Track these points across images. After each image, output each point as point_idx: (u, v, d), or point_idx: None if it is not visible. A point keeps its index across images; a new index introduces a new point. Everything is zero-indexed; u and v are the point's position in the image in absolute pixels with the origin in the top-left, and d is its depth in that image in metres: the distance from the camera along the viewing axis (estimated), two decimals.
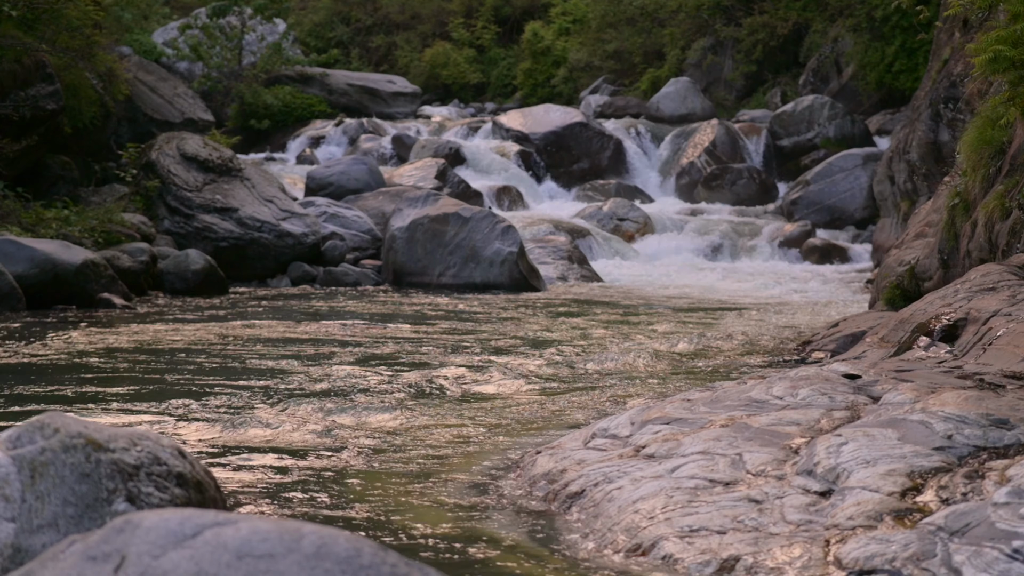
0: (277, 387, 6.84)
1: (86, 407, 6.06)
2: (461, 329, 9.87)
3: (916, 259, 9.58)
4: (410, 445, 5.36)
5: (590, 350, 8.53)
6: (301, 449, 5.22)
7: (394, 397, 6.61)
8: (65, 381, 6.86)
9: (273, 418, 5.92)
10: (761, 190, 20.86)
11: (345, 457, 5.08)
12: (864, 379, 5.11)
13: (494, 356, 8.27)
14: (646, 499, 3.87)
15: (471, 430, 5.72)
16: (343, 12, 36.97)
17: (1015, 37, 6.90)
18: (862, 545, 3.24)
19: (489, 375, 7.41)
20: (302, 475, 4.74)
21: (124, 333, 9.20)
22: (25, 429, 2.81)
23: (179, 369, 7.42)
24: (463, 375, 7.40)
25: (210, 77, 25.28)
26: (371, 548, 1.97)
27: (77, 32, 14.12)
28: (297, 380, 7.09)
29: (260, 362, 7.81)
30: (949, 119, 13.89)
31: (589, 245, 16.75)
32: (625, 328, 10.12)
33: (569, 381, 7.26)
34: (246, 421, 5.82)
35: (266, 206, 14.56)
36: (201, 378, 7.08)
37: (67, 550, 2.04)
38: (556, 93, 30.57)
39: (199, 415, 5.97)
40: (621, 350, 8.45)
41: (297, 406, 6.26)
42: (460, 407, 6.33)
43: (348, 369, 7.55)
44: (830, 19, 25.55)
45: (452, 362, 7.96)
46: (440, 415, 6.09)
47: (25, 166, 13.67)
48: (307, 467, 4.89)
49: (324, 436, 5.51)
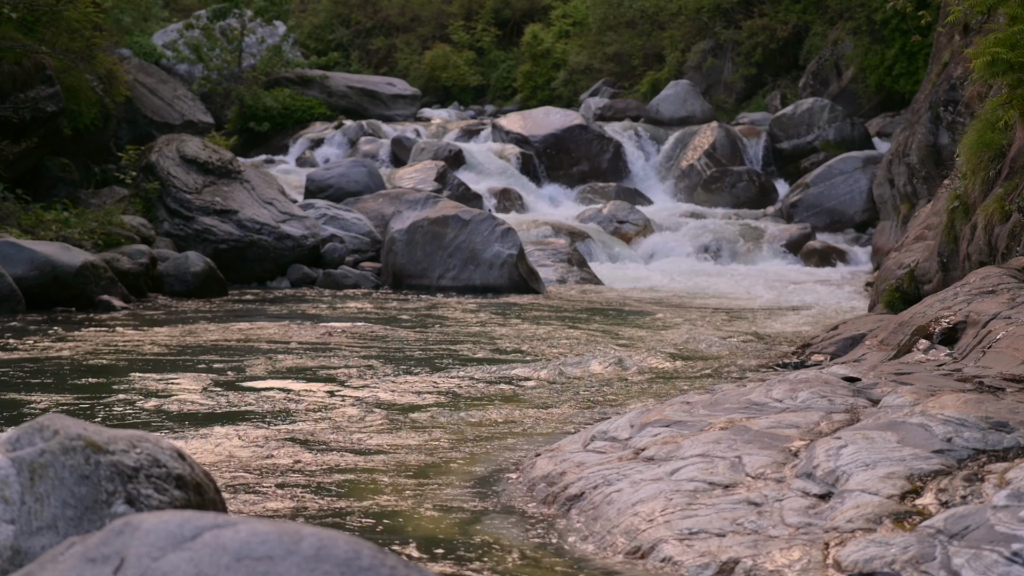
0: (276, 389, 6.84)
1: (85, 409, 6.06)
2: (460, 331, 9.87)
3: (916, 262, 9.58)
4: (409, 447, 5.36)
5: (589, 352, 8.53)
6: (300, 451, 5.22)
7: (393, 399, 6.61)
8: (64, 383, 6.86)
9: (272, 420, 5.92)
10: (761, 193, 20.87)
11: (345, 459, 5.08)
12: (863, 382, 5.11)
13: (493, 358, 8.27)
14: (645, 502, 3.87)
15: (470, 432, 5.72)
16: (343, 14, 36.98)
17: (1014, 40, 6.91)
18: (861, 548, 3.24)
19: (488, 377, 7.41)
20: (302, 477, 4.74)
21: (123, 335, 9.20)
22: (24, 431, 2.81)
23: (178, 371, 7.42)
24: (462, 377, 7.40)
25: (210, 79, 25.29)
26: (370, 550, 1.97)
27: (77, 34, 14.11)
28: (296, 382, 7.09)
29: (259, 364, 7.81)
30: (949, 122, 13.90)
31: (589, 248, 16.75)
32: (624, 331, 10.12)
33: (568, 383, 7.26)
34: (245, 423, 5.82)
35: (266, 208, 14.56)
36: (200, 380, 7.08)
37: (66, 552, 2.04)
38: (556, 96, 30.58)
39: (199, 417, 5.97)
40: (620, 353, 8.45)
41: (296, 408, 6.26)
42: (459, 409, 6.33)
43: (347, 371, 7.55)
44: (830, 22, 25.57)
45: (451, 364, 7.96)
46: (439, 417, 6.09)
47: (25, 168, 13.67)
48: (307, 469, 4.89)
49: (323, 438, 5.51)
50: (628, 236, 18.09)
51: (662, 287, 14.77)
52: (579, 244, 16.62)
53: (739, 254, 17.76)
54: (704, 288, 14.74)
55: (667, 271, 16.29)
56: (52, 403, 6.20)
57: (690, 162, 21.85)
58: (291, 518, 4.12)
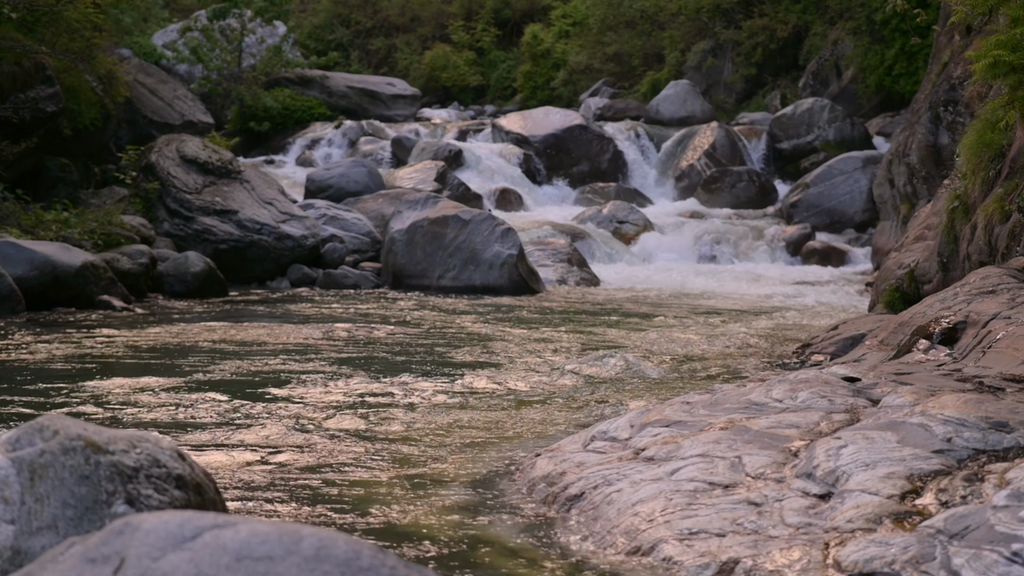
0: (276, 389, 6.84)
1: (85, 409, 6.06)
2: (460, 331, 9.87)
3: (916, 262, 9.58)
4: (409, 447, 5.36)
5: (589, 352, 8.53)
6: (300, 452, 5.22)
7: (392, 400, 6.61)
8: (64, 383, 6.86)
9: (272, 420, 5.92)
10: (761, 193, 20.87)
11: (344, 460, 5.08)
12: (863, 382, 5.11)
13: (493, 358, 8.27)
14: (645, 502, 3.87)
15: (470, 432, 5.72)
16: (343, 15, 36.98)
17: (1015, 42, 6.91)
18: (861, 548, 3.24)
19: (488, 377, 7.41)
20: (302, 478, 4.74)
21: (123, 335, 9.20)
22: (24, 431, 2.81)
23: (178, 371, 7.42)
24: (462, 377, 7.40)
25: (210, 79, 25.28)
26: (370, 550, 1.97)
27: (77, 34, 14.12)
28: (296, 382, 7.09)
29: (259, 364, 7.81)
30: (949, 122, 13.90)
31: (588, 248, 16.75)
32: (624, 331, 10.12)
33: (568, 384, 7.26)
34: (245, 423, 5.82)
35: (266, 208, 14.56)
36: (200, 380, 7.08)
37: (66, 552, 2.04)
38: (556, 96, 30.58)
39: (198, 417, 5.97)
40: (620, 353, 8.45)
41: (296, 409, 6.26)
42: (459, 409, 6.33)
43: (347, 372, 7.55)
44: (830, 22, 25.57)
45: (451, 364, 7.96)
46: (439, 417, 6.09)
47: (25, 168, 13.66)
48: (306, 469, 4.89)
49: (323, 439, 5.51)
50: (628, 236, 18.09)
51: (662, 287, 14.77)
52: (579, 244, 16.62)
53: (739, 254, 17.76)
54: (704, 288, 14.74)
55: (667, 271, 16.29)
56: (52, 403, 6.20)
57: (690, 162, 21.85)
58: (291, 518, 4.12)
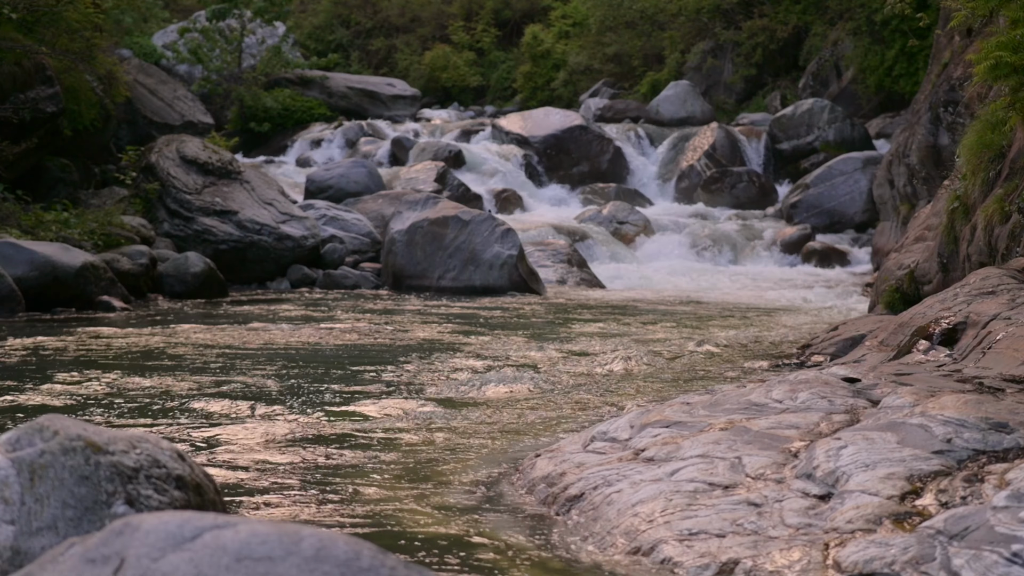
0: (276, 390, 6.84)
1: (85, 409, 6.06)
2: (460, 332, 9.87)
3: (915, 263, 9.58)
4: (409, 448, 5.36)
5: (589, 353, 8.53)
6: (300, 452, 5.22)
7: (393, 400, 6.61)
8: (64, 383, 6.86)
9: (272, 421, 5.92)
10: (761, 193, 20.87)
11: (344, 460, 5.08)
12: (863, 383, 5.11)
13: (493, 359, 8.27)
14: (645, 502, 3.87)
15: (469, 433, 5.71)
16: (343, 15, 36.99)
17: (1016, 43, 6.91)
18: (861, 548, 3.24)
19: (488, 378, 7.40)
20: (301, 478, 4.74)
21: (123, 336, 9.20)
22: (24, 431, 2.81)
23: (178, 371, 7.42)
24: (461, 378, 7.40)
25: (210, 80, 25.30)
26: (370, 551, 1.97)
27: (77, 35, 14.12)
28: (296, 382, 7.09)
29: (259, 365, 7.81)
30: (949, 123, 13.90)
31: (589, 248, 16.75)
32: (624, 331, 10.12)
33: (568, 384, 7.26)
34: (245, 424, 5.82)
35: (266, 209, 14.57)
36: (200, 380, 7.08)
37: (66, 553, 2.04)
38: (556, 96, 30.60)
39: (198, 417, 5.97)
40: (620, 353, 8.45)
41: (296, 409, 6.26)
42: (458, 410, 6.33)
43: (346, 372, 7.55)
44: (830, 22, 25.58)
45: (450, 365, 7.96)
46: (438, 418, 6.09)
47: (25, 169, 13.66)
48: (306, 470, 4.89)
49: (323, 439, 5.51)
50: (628, 237, 18.09)
51: (662, 288, 14.77)
52: (579, 245, 16.62)
53: (739, 255, 17.77)
54: (704, 289, 14.74)
55: (667, 272, 16.29)
56: (52, 403, 6.20)
57: (690, 163, 21.85)
58: (291, 519, 4.12)
